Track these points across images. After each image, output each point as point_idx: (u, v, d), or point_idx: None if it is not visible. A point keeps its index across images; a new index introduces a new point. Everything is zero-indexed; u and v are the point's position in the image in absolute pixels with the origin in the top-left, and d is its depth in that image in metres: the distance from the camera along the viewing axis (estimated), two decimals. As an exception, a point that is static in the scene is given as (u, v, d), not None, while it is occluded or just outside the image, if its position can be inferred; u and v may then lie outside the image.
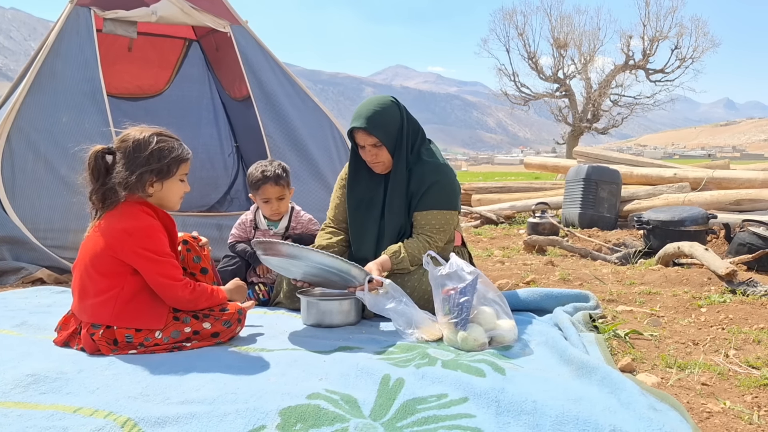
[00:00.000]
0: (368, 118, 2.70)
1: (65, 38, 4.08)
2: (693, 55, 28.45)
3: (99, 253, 2.16)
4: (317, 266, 2.51)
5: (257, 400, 1.69)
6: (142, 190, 2.20)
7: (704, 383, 2.02)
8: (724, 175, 6.73)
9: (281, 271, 2.74)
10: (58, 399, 1.73)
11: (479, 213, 7.40)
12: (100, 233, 2.17)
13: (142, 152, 2.18)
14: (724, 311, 2.93)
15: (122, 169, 2.17)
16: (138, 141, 2.19)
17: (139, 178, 2.17)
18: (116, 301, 2.14)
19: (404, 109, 2.83)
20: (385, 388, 1.79)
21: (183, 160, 2.28)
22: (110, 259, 2.15)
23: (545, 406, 1.59)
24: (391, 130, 2.75)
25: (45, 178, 3.79)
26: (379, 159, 2.79)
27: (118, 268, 2.16)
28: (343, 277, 2.54)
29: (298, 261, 2.50)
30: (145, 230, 2.17)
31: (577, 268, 4.22)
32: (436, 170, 2.79)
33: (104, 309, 2.13)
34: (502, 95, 30.87)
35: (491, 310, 2.38)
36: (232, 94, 5.53)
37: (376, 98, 2.82)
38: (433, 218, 2.77)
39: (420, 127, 2.89)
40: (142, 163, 2.18)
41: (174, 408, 1.66)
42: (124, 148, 2.20)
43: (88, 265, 2.18)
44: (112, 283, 2.15)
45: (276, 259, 2.53)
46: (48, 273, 3.65)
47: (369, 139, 2.73)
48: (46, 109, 3.90)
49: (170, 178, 2.24)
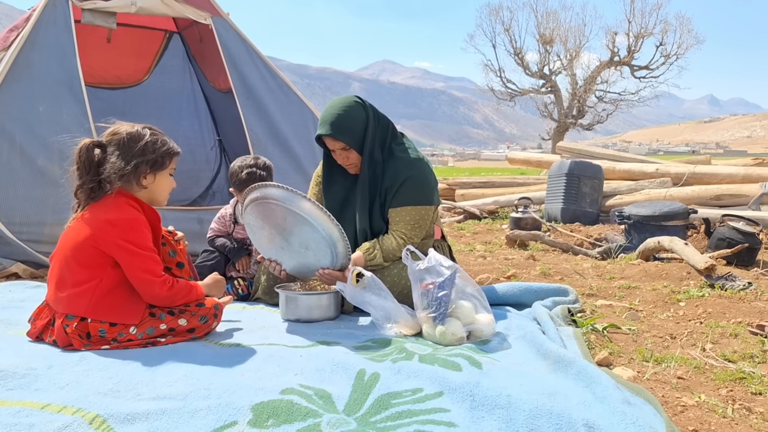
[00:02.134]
0: (332, 123, 2.68)
1: (42, 28, 4.00)
2: (677, 51, 28.71)
3: (80, 243, 2.12)
4: (303, 221, 2.44)
5: (230, 396, 1.67)
6: (137, 182, 2.20)
7: (680, 377, 2.02)
8: (705, 170, 6.78)
9: (254, 233, 2.67)
10: (26, 395, 1.70)
11: (463, 208, 7.40)
12: (83, 224, 2.15)
13: (137, 143, 2.18)
14: (703, 305, 2.95)
15: (117, 160, 2.16)
16: (132, 133, 2.20)
17: (135, 168, 2.17)
18: (93, 293, 2.11)
19: (370, 107, 2.79)
20: (360, 382, 1.77)
21: (175, 153, 2.30)
22: (91, 250, 2.12)
23: (519, 400, 1.58)
24: (357, 132, 2.72)
25: (21, 169, 3.71)
26: (350, 161, 2.78)
27: (98, 259, 2.13)
28: (323, 248, 2.49)
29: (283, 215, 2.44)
30: (129, 222, 2.14)
31: (558, 262, 4.23)
32: (408, 166, 2.76)
33: (81, 300, 2.10)
34: (488, 91, 30.96)
35: (470, 305, 2.37)
36: (217, 85, 5.48)
37: (339, 101, 2.78)
38: (407, 214, 2.74)
39: (389, 123, 2.85)
40: (138, 153, 2.18)
41: (145, 404, 1.63)
42: (117, 140, 2.18)
43: (68, 256, 2.14)
44: (91, 275, 2.12)
45: (255, 216, 2.51)
46: (23, 268, 3.59)
47: (336, 144, 2.72)
48: (22, 98, 3.82)
49: (163, 170, 2.25)
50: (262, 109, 4.65)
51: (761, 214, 5.18)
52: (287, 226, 2.49)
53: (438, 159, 68.51)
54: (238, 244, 3.19)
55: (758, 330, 2.51)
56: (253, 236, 2.68)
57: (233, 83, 4.60)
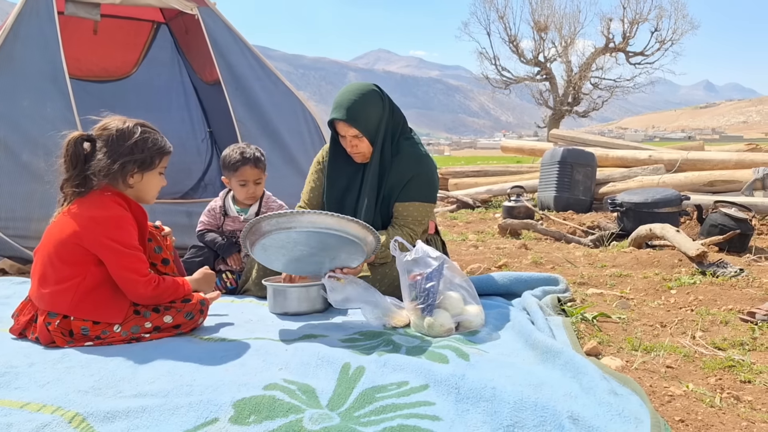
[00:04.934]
0: (348, 108, 2.61)
1: (24, 20, 3.94)
2: (672, 37, 28.56)
3: (64, 240, 2.09)
4: (321, 232, 2.27)
5: (212, 392, 1.65)
6: (123, 181, 2.15)
7: (669, 366, 2.01)
8: (699, 156, 6.76)
9: (270, 263, 2.52)
10: (6, 394, 1.67)
11: (456, 197, 7.38)
12: (67, 220, 2.11)
13: (126, 141, 2.13)
14: (694, 293, 2.94)
15: (104, 157, 2.11)
16: (122, 130, 2.14)
17: (122, 167, 2.12)
18: (76, 291, 2.08)
19: (387, 98, 2.74)
20: (345, 376, 1.75)
21: (166, 152, 2.25)
22: (75, 247, 2.08)
23: (504, 392, 1.56)
24: (372, 121, 2.67)
25: (5, 165, 3.67)
26: (359, 150, 2.72)
27: (82, 257, 2.09)
28: (353, 247, 2.35)
29: (297, 233, 2.26)
30: (114, 220, 2.11)
31: (550, 251, 4.22)
32: (418, 162, 2.74)
33: (63, 298, 2.07)
34: (483, 79, 30.80)
35: (458, 296, 2.35)
36: (204, 77, 5.42)
37: (357, 86, 2.70)
38: (414, 210, 2.72)
39: (403, 118, 2.80)
40: (126, 152, 2.13)
41: (125, 402, 1.60)
42: (106, 136, 2.14)
43: (51, 252, 2.11)
44: (74, 272, 2.09)
45: (266, 243, 2.32)
46: (10, 263, 3.56)
47: (349, 130, 2.66)
48: (5, 93, 3.76)
49: (152, 170, 2.21)
50: (251, 100, 4.61)
51: (754, 200, 5.17)
52: (325, 246, 2.34)
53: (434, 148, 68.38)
54: (228, 239, 3.16)
55: (749, 317, 2.50)
56: (270, 263, 2.53)
57: (221, 74, 4.55)
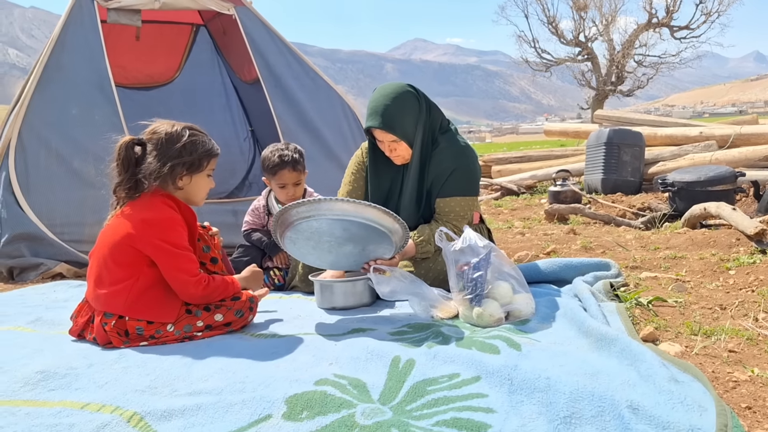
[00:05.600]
0: (384, 114, 2.58)
1: (70, 30, 4.06)
2: (719, 8, 27.45)
3: (117, 242, 2.15)
4: (341, 219, 2.28)
5: (265, 389, 1.66)
6: (173, 183, 2.20)
7: (731, 350, 1.93)
8: (753, 130, 6.49)
9: (303, 257, 2.56)
10: (67, 395, 1.72)
11: (500, 184, 7.28)
12: (120, 222, 2.17)
13: (174, 144, 2.18)
14: (754, 273, 2.82)
15: (154, 161, 2.16)
16: (171, 134, 2.19)
17: (171, 170, 2.17)
18: (130, 292, 2.13)
19: (423, 98, 2.69)
20: (395, 370, 1.74)
21: (213, 154, 2.28)
22: (128, 249, 2.14)
23: (559, 382, 1.52)
24: (409, 124, 2.63)
25: (58, 173, 3.80)
26: (398, 153, 2.70)
27: (135, 258, 2.14)
28: (385, 245, 2.38)
29: (317, 221, 2.28)
30: (165, 222, 2.15)
31: (599, 235, 4.12)
32: (457, 155, 2.69)
33: (118, 298, 2.12)
34: (523, 63, 30.31)
35: (507, 285, 2.30)
36: (243, 77, 5.48)
37: (391, 89, 2.64)
38: (456, 205, 2.69)
39: (440, 114, 2.76)
40: (175, 155, 2.17)
41: (181, 400, 1.63)
42: (156, 139, 2.19)
43: (105, 254, 2.17)
44: (127, 273, 2.14)
45: (298, 234, 2.35)
46: (67, 267, 3.68)
47: (386, 136, 2.63)
48: (55, 102, 3.89)
49: (200, 172, 2.25)
50: (290, 97, 4.63)
51: (815, 173, 4.94)
52: (350, 235, 2.36)
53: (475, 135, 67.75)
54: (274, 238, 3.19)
55: (815, 296, 2.39)
56: (303, 257, 2.56)
57: (260, 72, 4.59)
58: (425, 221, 2.77)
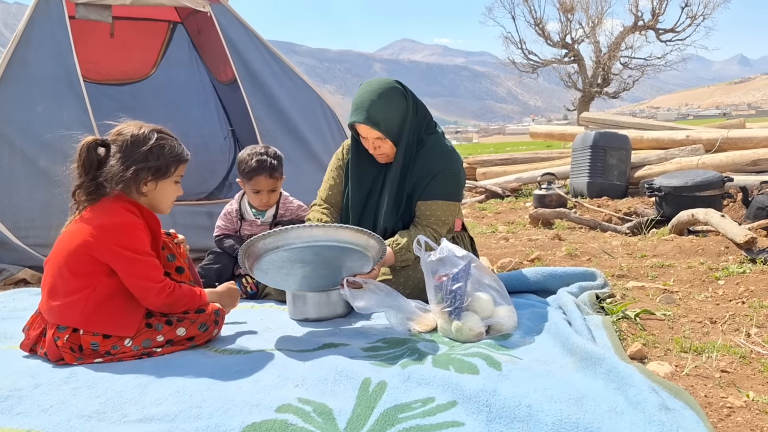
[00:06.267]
0: (369, 110, 2.47)
1: (36, 26, 3.88)
2: (704, 12, 27.57)
3: (73, 250, 1.99)
4: (312, 245, 2.15)
5: (222, 416, 1.52)
6: (136, 189, 2.06)
7: (724, 370, 1.82)
8: (740, 134, 6.43)
9: (278, 284, 2.44)
10: (6, 421, 1.57)
11: (484, 187, 7.17)
12: (77, 229, 2.01)
13: (140, 147, 2.03)
14: (744, 283, 2.72)
15: (117, 164, 2.02)
16: (137, 136, 2.04)
17: (135, 174, 2.02)
18: (87, 303, 1.97)
19: (411, 95, 2.58)
20: (365, 394, 1.61)
21: (182, 160, 2.14)
22: (85, 257, 1.98)
23: (540, 411, 1.40)
24: (395, 122, 2.52)
25: (23, 172, 3.62)
26: (382, 151, 2.58)
27: (92, 267, 1.99)
28: (363, 262, 2.27)
29: (287, 251, 2.14)
30: (124, 227, 2.00)
31: (585, 241, 4.01)
32: (442, 158, 2.58)
33: (73, 310, 1.97)
34: (510, 64, 30.29)
35: (487, 297, 2.18)
36: (219, 77, 5.32)
37: (377, 84, 2.54)
38: (438, 209, 2.57)
39: (427, 114, 2.65)
40: (140, 159, 2.03)
41: (129, 428, 1.49)
42: (120, 141, 2.04)
43: (61, 263, 2.01)
44: (84, 283, 1.98)
45: (270, 263, 2.21)
46: (32, 273, 3.51)
47: (371, 132, 2.51)
48: (19, 99, 3.71)
49: (167, 178, 2.10)
50: (269, 97, 4.49)
51: (803, 179, 4.87)
52: (324, 259, 2.24)
53: (462, 136, 67.76)
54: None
55: (808, 310, 2.29)
56: (277, 284, 2.44)
57: (237, 72, 4.44)
58: (405, 224, 2.64)
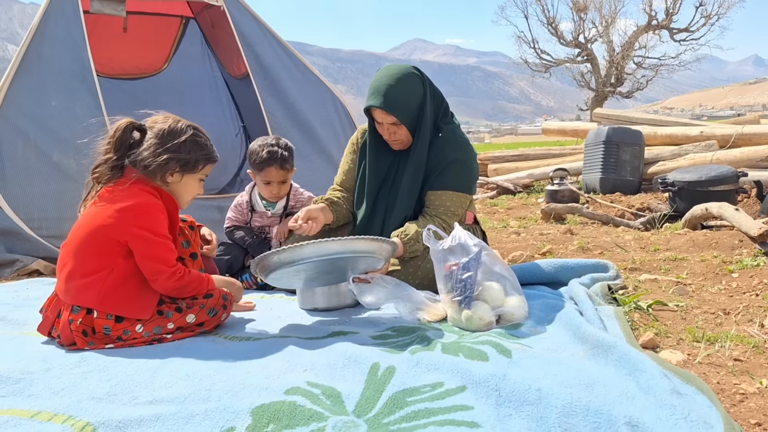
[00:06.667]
0: (386, 94, 2.45)
1: (51, 20, 3.91)
2: (718, 11, 27.34)
3: (92, 231, 2.02)
4: (327, 258, 2.17)
5: (231, 398, 1.52)
6: (161, 177, 2.10)
7: (737, 358, 1.80)
8: (755, 130, 6.36)
9: (290, 286, 2.49)
10: (18, 402, 1.58)
11: (496, 183, 7.15)
12: (96, 212, 2.04)
13: (175, 139, 2.09)
14: (758, 275, 2.69)
15: (150, 149, 2.07)
16: (174, 127, 2.11)
17: (165, 162, 2.07)
18: (104, 284, 1.99)
19: (428, 81, 2.56)
20: (374, 378, 1.60)
21: (211, 160, 2.20)
22: (104, 239, 2.01)
23: (551, 394, 1.39)
24: (412, 108, 2.50)
25: (36, 165, 3.65)
26: (397, 137, 2.56)
27: (110, 248, 2.01)
28: (368, 258, 2.26)
29: (303, 264, 2.15)
30: (144, 207, 2.03)
31: (597, 235, 3.98)
32: (456, 147, 2.56)
33: (90, 291, 1.99)
34: (522, 63, 30.19)
35: (498, 286, 2.17)
36: (232, 72, 5.34)
37: (395, 69, 2.51)
38: (448, 199, 2.55)
39: (443, 101, 2.64)
40: (173, 149, 2.08)
41: (140, 409, 1.49)
42: (157, 129, 2.10)
43: (78, 244, 2.04)
44: (101, 264, 2.00)
45: (283, 272, 2.22)
46: (45, 264, 3.54)
47: (387, 118, 2.50)
48: (33, 93, 3.74)
49: (193, 173, 2.15)
50: (280, 91, 4.50)
51: (819, 174, 4.81)
52: (338, 266, 2.24)
53: (474, 136, 67.57)
54: (257, 236, 3.06)
55: (824, 301, 2.26)
56: (288, 286, 2.52)
57: (249, 65, 4.45)
58: (414, 214, 2.63)
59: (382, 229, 2.66)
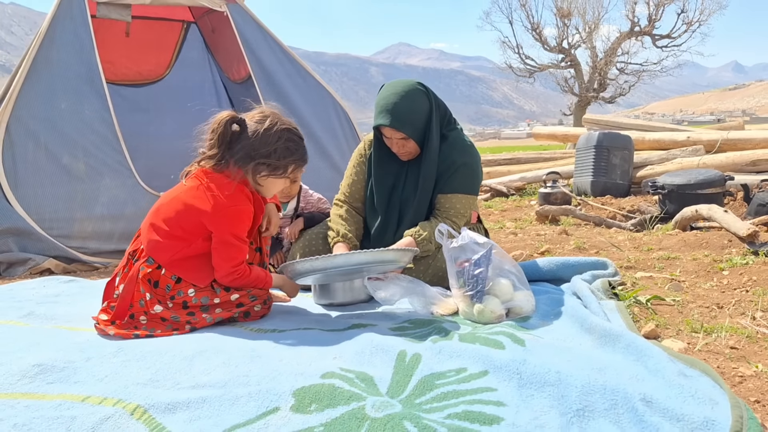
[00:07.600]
0: (393, 113, 2.55)
1: (59, 25, 3.99)
2: (700, 18, 27.81)
3: (189, 208, 2.18)
4: (355, 267, 2.34)
5: (270, 382, 1.63)
6: (253, 178, 2.23)
7: (733, 347, 1.94)
8: (740, 136, 6.58)
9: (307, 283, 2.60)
10: (66, 388, 1.68)
11: (489, 186, 7.29)
12: (202, 195, 2.17)
13: (267, 145, 2.19)
14: (748, 273, 2.85)
15: (243, 151, 2.18)
16: (269, 131, 2.19)
17: (255, 167, 2.20)
18: (178, 252, 2.18)
19: (432, 95, 2.67)
20: (402, 364, 1.72)
21: (301, 163, 2.30)
22: (195, 219, 2.18)
23: (570, 376, 1.52)
24: (419, 123, 2.60)
25: (47, 167, 3.73)
26: (406, 149, 2.67)
27: (196, 228, 2.18)
28: (391, 265, 2.40)
29: (333, 271, 2.34)
30: (238, 216, 2.19)
31: (591, 236, 4.14)
32: (463, 151, 2.68)
33: (165, 252, 2.17)
34: (506, 68, 30.46)
35: (507, 282, 2.30)
36: (232, 76, 5.43)
37: (401, 86, 2.61)
38: (458, 202, 2.67)
39: (447, 111, 2.75)
40: (264, 155, 2.19)
41: (185, 393, 1.60)
42: (254, 130, 2.19)
43: (178, 210, 2.18)
44: (183, 236, 2.18)
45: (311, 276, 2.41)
46: (56, 263, 3.61)
47: (396, 134, 2.61)
48: (43, 96, 3.82)
49: (282, 177, 2.27)
50: (282, 96, 4.60)
51: (801, 178, 5.01)
52: (363, 272, 2.41)
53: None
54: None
55: (810, 295, 2.41)
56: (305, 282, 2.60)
57: (252, 70, 4.56)
58: (425, 217, 2.75)
59: (395, 237, 2.73)
